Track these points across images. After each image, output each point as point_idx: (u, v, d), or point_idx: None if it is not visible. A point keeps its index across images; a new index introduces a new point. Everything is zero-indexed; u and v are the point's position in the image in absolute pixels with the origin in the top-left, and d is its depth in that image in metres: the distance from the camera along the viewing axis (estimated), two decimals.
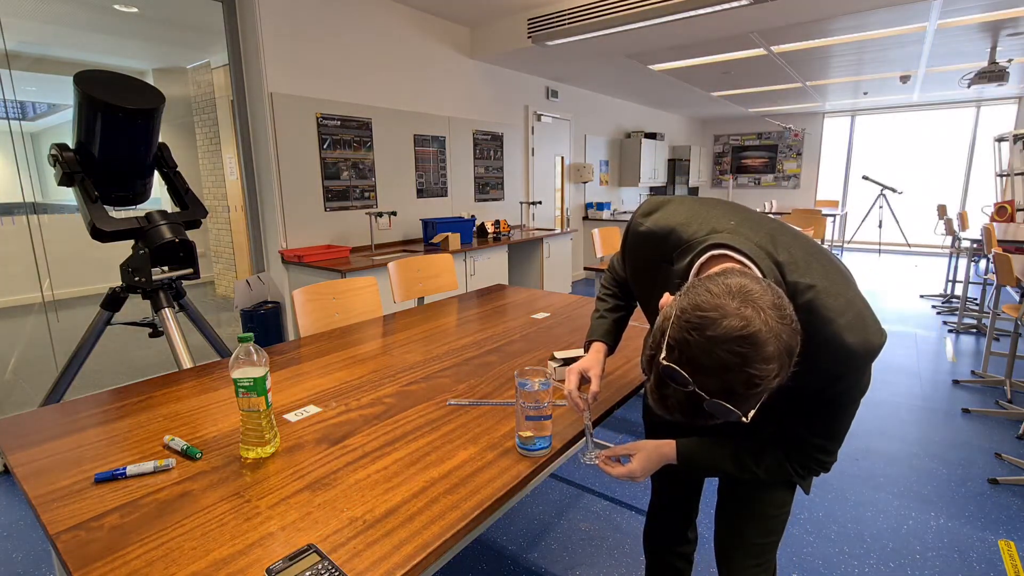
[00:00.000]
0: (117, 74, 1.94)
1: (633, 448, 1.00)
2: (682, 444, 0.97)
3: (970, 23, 4.20)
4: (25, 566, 1.86)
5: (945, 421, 2.85)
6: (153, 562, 0.75)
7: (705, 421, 0.69)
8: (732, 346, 0.63)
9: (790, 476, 0.92)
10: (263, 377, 0.99)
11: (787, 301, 0.69)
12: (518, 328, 1.90)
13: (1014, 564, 1.81)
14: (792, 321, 0.67)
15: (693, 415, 0.69)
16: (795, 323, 0.67)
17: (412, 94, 4.27)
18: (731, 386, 0.65)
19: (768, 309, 0.65)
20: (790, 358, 0.66)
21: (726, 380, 0.64)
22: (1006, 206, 5.89)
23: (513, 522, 2.07)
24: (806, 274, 0.79)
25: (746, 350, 0.63)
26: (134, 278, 2.12)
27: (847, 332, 0.76)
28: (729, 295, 0.66)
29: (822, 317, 0.77)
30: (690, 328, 0.66)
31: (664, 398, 0.70)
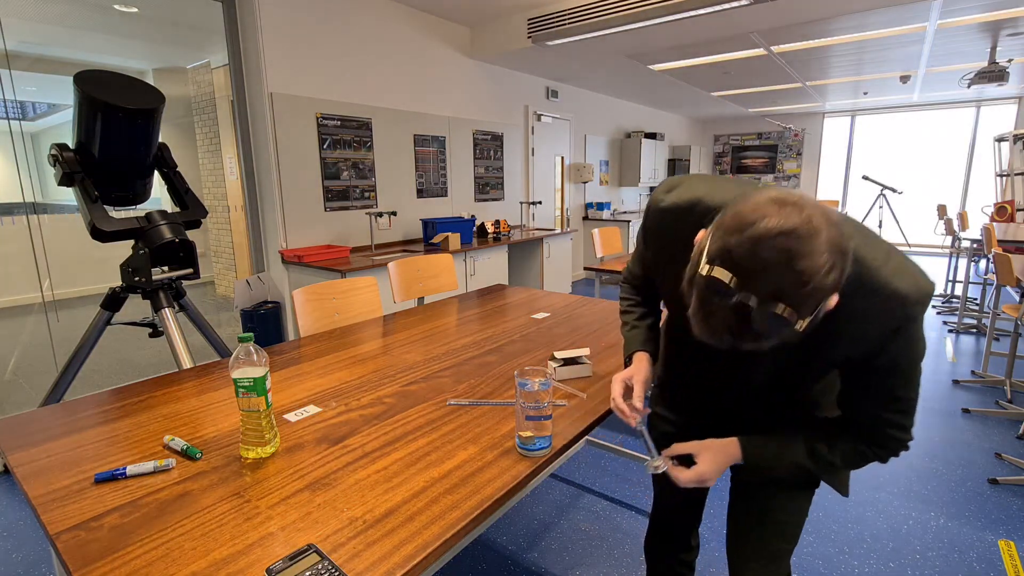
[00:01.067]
0: (117, 74, 1.94)
1: (697, 448, 0.91)
2: (747, 440, 0.88)
3: (970, 23, 4.20)
4: (25, 566, 1.86)
5: (945, 421, 2.85)
6: (153, 562, 0.75)
7: (757, 341, 0.62)
8: (777, 242, 0.58)
9: (869, 459, 0.84)
10: (263, 377, 0.99)
11: (831, 209, 0.64)
12: (518, 328, 1.90)
13: (1014, 564, 1.81)
14: (839, 224, 0.62)
15: (742, 333, 0.62)
16: (842, 230, 0.62)
17: (412, 94, 4.27)
18: (780, 288, 0.58)
19: (812, 207, 0.61)
20: (843, 256, 0.60)
21: (773, 282, 0.58)
22: (1006, 206, 5.89)
23: (513, 522, 2.07)
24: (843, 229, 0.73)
25: (792, 244, 0.58)
26: (134, 278, 2.12)
27: (896, 278, 0.71)
28: (770, 202, 0.62)
29: (868, 266, 0.72)
30: (730, 233, 0.61)
31: (709, 317, 0.63)
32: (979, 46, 4.95)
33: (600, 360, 1.55)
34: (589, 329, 1.87)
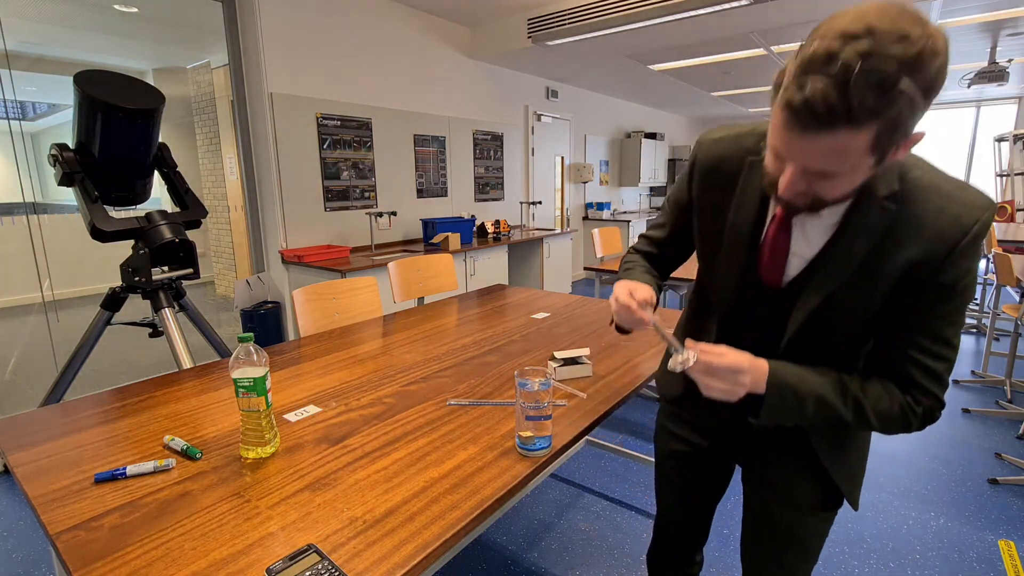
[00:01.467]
0: (117, 74, 1.95)
1: (724, 348, 0.78)
2: (775, 363, 0.79)
3: (970, 23, 4.20)
4: (25, 566, 1.86)
5: (945, 421, 2.85)
6: (153, 562, 0.75)
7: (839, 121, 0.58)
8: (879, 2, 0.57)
9: (899, 414, 0.76)
10: (263, 377, 0.99)
11: None
12: (518, 328, 1.90)
13: (1014, 564, 1.81)
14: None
15: (833, 106, 0.57)
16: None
17: (412, 94, 4.27)
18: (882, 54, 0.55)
19: None
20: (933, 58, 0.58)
21: (874, 40, 0.55)
22: (1006, 206, 5.89)
23: (513, 522, 2.07)
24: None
25: (892, 11, 0.56)
26: (134, 278, 2.12)
27: (960, 191, 0.71)
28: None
29: (939, 176, 0.73)
30: (816, 28, 0.60)
31: (802, 87, 0.58)
32: (979, 46, 4.95)
33: (600, 360, 1.55)
34: (589, 329, 1.87)
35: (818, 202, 0.70)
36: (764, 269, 0.83)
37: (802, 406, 0.77)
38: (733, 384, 0.76)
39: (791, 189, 0.68)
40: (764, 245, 0.82)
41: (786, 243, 0.80)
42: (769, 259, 0.82)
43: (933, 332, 0.74)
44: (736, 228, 0.85)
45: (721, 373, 0.76)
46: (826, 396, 0.77)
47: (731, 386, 0.76)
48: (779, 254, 0.80)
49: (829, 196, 0.68)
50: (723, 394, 0.77)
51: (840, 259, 0.75)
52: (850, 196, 0.72)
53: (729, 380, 0.76)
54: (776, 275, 0.82)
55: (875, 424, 0.77)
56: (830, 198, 0.69)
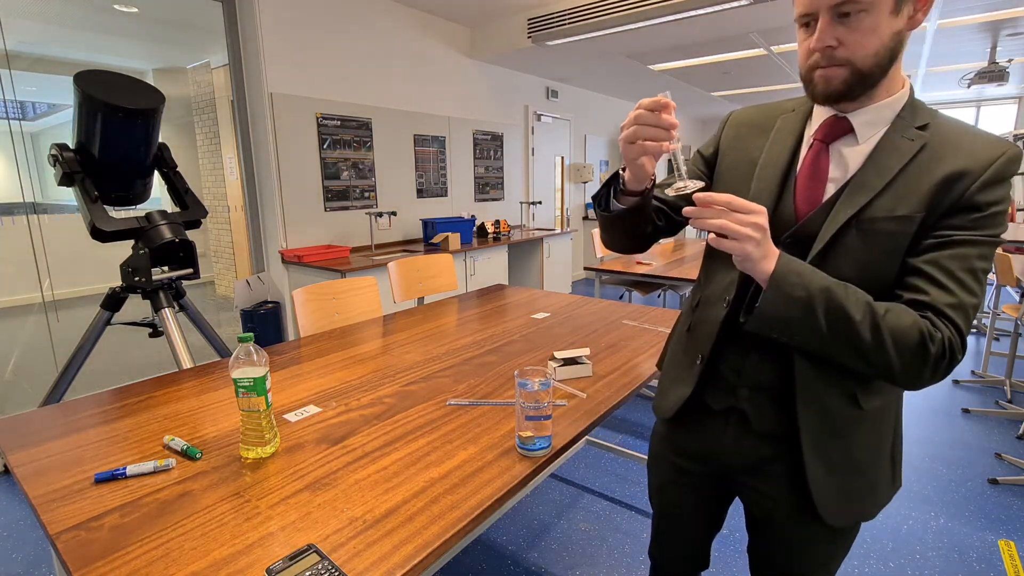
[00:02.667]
0: (117, 74, 1.95)
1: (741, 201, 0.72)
2: (786, 256, 0.73)
3: (970, 23, 4.20)
4: (25, 566, 1.86)
5: (945, 421, 2.85)
6: (153, 562, 0.75)
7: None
8: None
9: (919, 333, 0.68)
10: (263, 377, 0.99)
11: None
12: (518, 328, 1.90)
13: (1014, 564, 1.81)
14: None
15: None
16: None
17: (412, 94, 4.27)
18: None
19: None
20: None
21: None
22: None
23: (513, 522, 2.07)
24: None
25: None
26: (134, 278, 2.12)
27: (985, 132, 0.74)
28: None
29: (963, 122, 0.75)
30: None
31: None
32: (979, 46, 4.95)
33: (600, 360, 1.55)
34: (589, 329, 1.87)
35: (853, 73, 0.71)
36: (800, 196, 0.80)
37: (810, 300, 0.70)
38: (745, 224, 0.70)
39: (822, 41, 0.70)
40: (800, 174, 0.81)
41: (826, 166, 0.79)
42: (806, 186, 0.80)
43: (962, 257, 0.70)
44: (769, 166, 0.85)
45: (732, 205, 0.70)
46: (834, 291, 0.70)
47: (741, 226, 0.70)
48: (819, 178, 0.79)
49: (859, 54, 0.70)
50: (733, 235, 0.70)
51: (874, 172, 0.74)
52: (882, 63, 0.71)
53: (740, 219, 0.70)
54: (815, 199, 0.79)
55: (890, 347, 0.68)
56: (860, 57, 0.70)
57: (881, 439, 0.84)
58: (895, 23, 0.69)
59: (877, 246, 0.74)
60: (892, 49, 0.71)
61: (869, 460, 0.83)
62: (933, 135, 0.73)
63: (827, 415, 0.80)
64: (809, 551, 0.89)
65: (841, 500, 0.82)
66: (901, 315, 0.70)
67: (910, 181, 0.72)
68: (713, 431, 0.93)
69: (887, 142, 0.75)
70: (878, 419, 0.83)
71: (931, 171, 0.72)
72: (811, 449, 0.81)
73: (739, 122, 0.93)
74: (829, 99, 0.75)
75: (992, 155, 0.70)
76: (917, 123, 0.74)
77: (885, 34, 0.69)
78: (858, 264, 0.74)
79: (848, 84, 0.72)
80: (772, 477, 0.88)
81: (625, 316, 2.04)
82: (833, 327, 0.70)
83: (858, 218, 0.74)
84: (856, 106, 0.76)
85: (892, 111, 0.76)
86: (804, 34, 0.75)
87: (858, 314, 0.69)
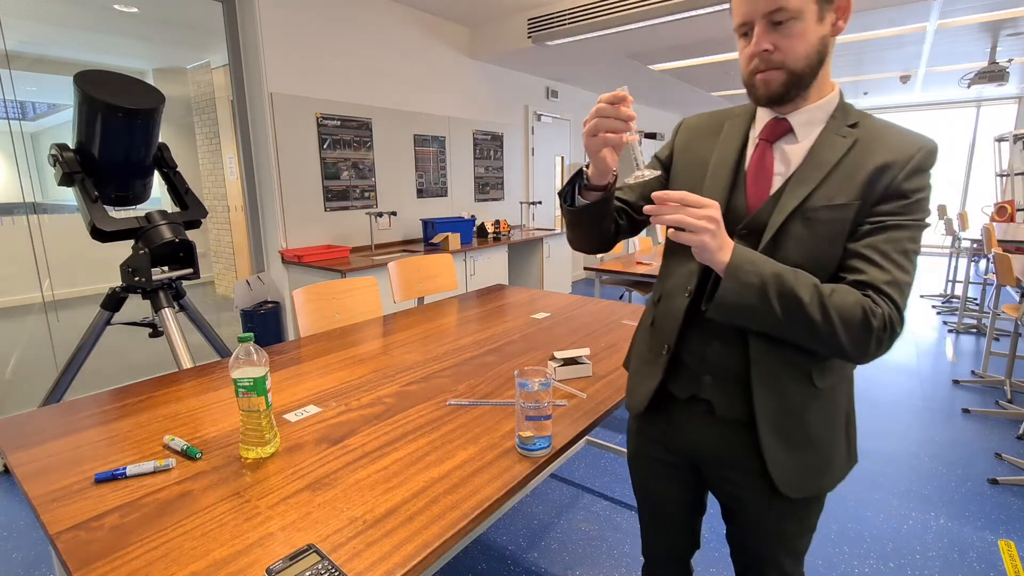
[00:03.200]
0: (117, 74, 1.95)
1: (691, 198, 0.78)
2: (740, 247, 0.80)
3: (970, 23, 4.20)
4: (25, 566, 1.86)
5: (945, 421, 2.85)
6: (153, 562, 0.75)
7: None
8: None
9: (862, 310, 0.75)
10: (263, 377, 0.99)
11: None
12: (518, 328, 1.90)
13: (1014, 564, 1.81)
14: None
15: None
16: None
17: (412, 94, 4.27)
18: None
19: None
20: None
21: None
22: (1006, 206, 5.89)
23: (513, 522, 2.07)
24: None
25: None
26: (134, 278, 2.12)
27: (908, 129, 0.83)
28: None
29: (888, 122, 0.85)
30: None
31: None
32: (979, 46, 4.95)
33: (600, 360, 1.55)
34: (589, 329, 1.88)
35: (788, 75, 0.80)
36: (750, 191, 0.88)
37: (764, 286, 0.76)
38: (700, 217, 0.76)
39: (759, 45, 0.78)
40: (749, 170, 0.89)
41: (771, 162, 0.87)
42: (755, 181, 0.88)
43: (894, 240, 0.78)
44: (720, 165, 0.92)
45: (686, 201, 0.77)
46: (785, 276, 0.76)
47: (696, 219, 0.76)
48: (766, 174, 0.87)
49: (791, 56, 0.78)
50: (690, 228, 0.76)
51: (813, 167, 0.83)
52: (812, 66, 0.80)
53: (695, 213, 0.76)
54: (764, 192, 0.87)
55: (836, 323, 0.75)
56: (792, 60, 0.78)
57: (835, 415, 0.89)
58: (820, 29, 0.78)
59: (820, 233, 0.81)
60: (820, 52, 0.80)
61: (824, 436, 0.88)
62: (863, 132, 0.82)
63: (784, 395, 0.85)
64: (776, 532, 0.95)
65: (800, 475, 0.88)
66: (845, 295, 0.76)
67: (845, 173, 0.81)
68: (680, 421, 0.98)
69: (823, 139, 0.84)
70: (831, 396, 0.88)
71: (863, 164, 0.80)
72: (769, 428, 0.86)
73: (691, 127, 1.03)
74: (771, 101, 0.83)
75: (913, 149, 0.79)
76: (849, 122, 0.84)
77: (813, 39, 0.78)
78: (804, 250, 0.81)
79: (786, 86, 0.80)
80: (737, 463, 0.93)
81: (625, 316, 2.04)
82: (786, 309, 0.77)
83: (802, 208, 0.82)
84: (793, 108, 0.85)
85: (825, 112, 0.85)
86: (744, 43, 0.82)
87: (807, 296, 0.76)
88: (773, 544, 0.96)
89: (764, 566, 0.99)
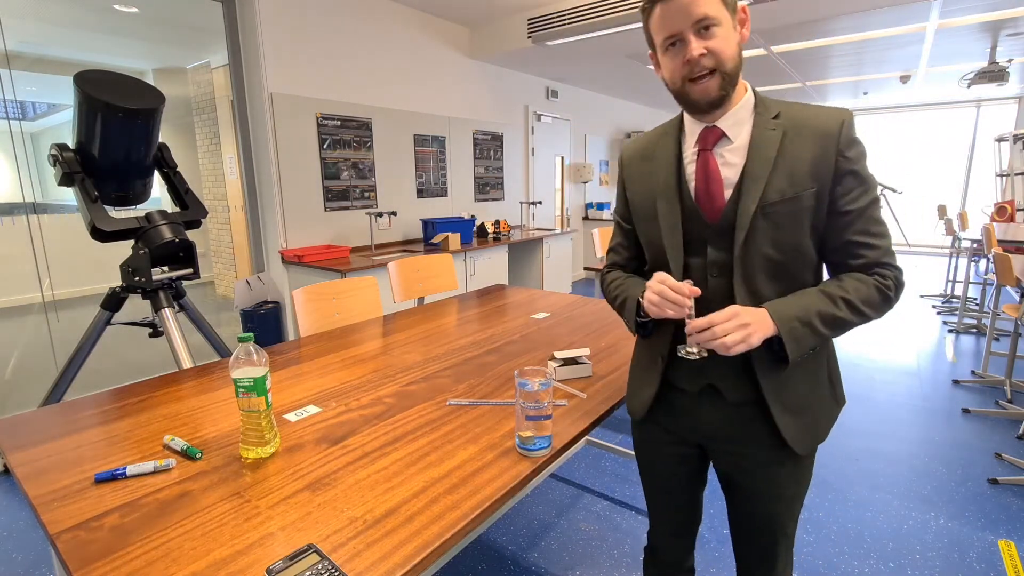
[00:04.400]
0: (117, 74, 1.95)
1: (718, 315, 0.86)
2: (766, 304, 0.88)
3: (970, 23, 4.20)
4: (25, 566, 1.86)
5: (945, 421, 2.85)
6: (153, 562, 0.75)
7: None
8: None
9: (875, 290, 0.88)
10: (263, 377, 0.99)
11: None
12: (518, 328, 1.90)
13: (1014, 564, 1.81)
14: None
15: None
16: None
17: (412, 94, 4.27)
18: None
19: None
20: None
21: None
22: (1006, 206, 5.89)
23: (513, 522, 2.07)
24: None
25: None
26: (134, 278, 2.12)
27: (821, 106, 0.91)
28: None
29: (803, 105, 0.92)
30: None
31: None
32: (979, 46, 4.95)
33: (600, 360, 1.55)
34: (589, 329, 1.88)
35: (722, 77, 0.86)
36: (704, 203, 0.94)
37: (814, 328, 0.87)
38: (738, 329, 0.84)
39: (696, 51, 0.85)
40: (697, 181, 0.94)
41: (716, 168, 0.93)
42: (705, 189, 0.93)
43: (868, 219, 0.89)
44: (665, 188, 0.98)
45: (713, 323, 0.85)
46: (824, 309, 0.88)
47: (739, 333, 0.84)
48: (714, 179, 0.93)
49: (722, 58, 0.85)
50: (740, 342, 0.84)
51: (759, 164, 0.89)
52: (738, 66, 0.88)
53: (727, 328, 0.85)
54: (718, 201, 0.92)
55: (868, 312, 0.89)
56: (723, 60, 0.86)
57: (818, 375, 0.98)
58: (736, 35, 0.88)
59: (781, 224, 0.89)
60: (739, 55, 0.89)
61: (812, 395, 0.97)
62: (787, 121, 0.90)
63: (777, 372, 0.94)
64: (780, 493, 1.01)
65: (803, 434, 0.96)
66: (860, 287, 0.89)
67: (787, 166, 0.88)
68: (691, 411, 1.03)
69: (757, 135, 0.90)
70: (815, 362, 0.97)
71: (799, 151, 0.88)
72: (775, 401, 0.94)
73: (630, 156, 1.08)
74: (710, 106, 0.90)
75: (836, 122, 0.88)
76: (771, 115, 0.91)
77: (733, 43, 0.87)
78: (772, 242, 0.90)
79: (723, 87, 0.88)
80: (746, 437, 0.99)
81: None
82: (832, 327, 0.89)
83: (762, 205, 0.89)
84: (720, 113, 0.92)
85: (747, 110, 0.92)
86: (672, 54, 0.89)
87: (842, 310, 0.88)
88: (779, 506, 1.02)
89: (774, 532, 1.04)
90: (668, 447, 1.11)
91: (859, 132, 0.89)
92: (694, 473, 1.13)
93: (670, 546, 1.20)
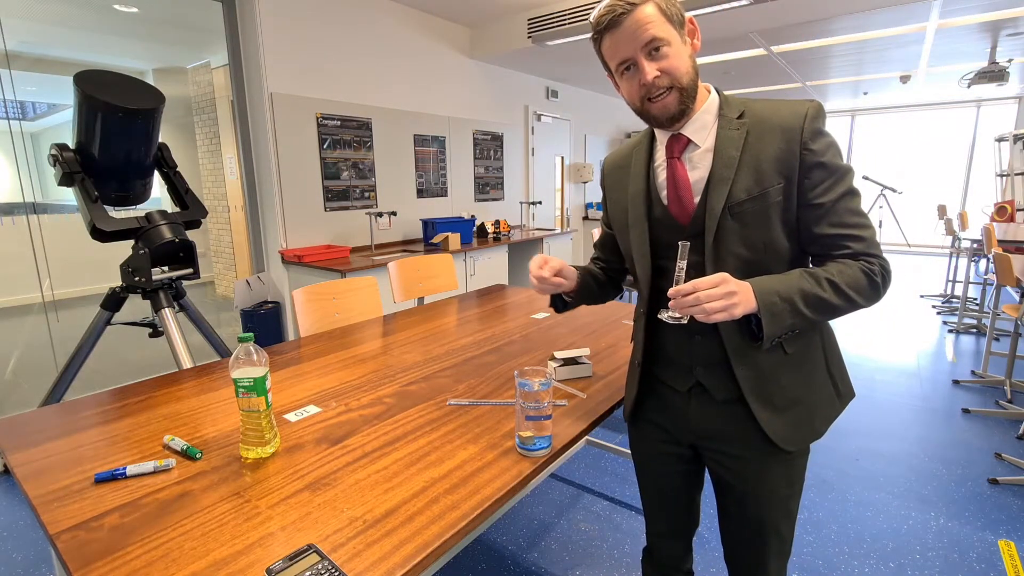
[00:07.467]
0: (117, 74, 1.95)
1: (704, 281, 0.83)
2: (754, 279, 0.87)
3: (970, 23, 4.20)
4: (25, 566, 1.86)
5: (945, 421, 2.85)
6: (153, 562, 0.75)
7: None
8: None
9: (860, 274, 0.87)
10: (263, 377, 0.99)
11: None
12: (518, 328, 1.90)
13: (1014, 564, 1.81)
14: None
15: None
16: None
17: (412, 94, 4.27)
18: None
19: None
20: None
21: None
22: (1006, 206, 5.89)
23: (513, 522, 2.07)
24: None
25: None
26: (134, 278, 2.12)
27: (784, 101, 0.91)
28: None
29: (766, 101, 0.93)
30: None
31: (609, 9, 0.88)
32: (979, 46, 4.95)
33: (600, 360, 1.55)
34: (589, 329, 1.88)
35: (679, 92, 0.88)
36: (675, 209, 0.96)
37: (794, 305, 0.86)
38: (723, 297, 0.82)
39: (651, 74, 0.87)
40: (668, 187, 0.97)
41: (684, 173, 0.95)
42: (675, 197, 0.96)
43: (846, 208, 0.88)
44: (635, 194, 1.02)
45: (699, 288, 0.83)
46: (806, 288, 0.86)
47: (723, 301, 0.82)
48: (683, 185, 0.95)
49: (677, 75, 0.87)
50: (721, 311, 0.82)
51: (723, 165, 0.91)
52: (694, 79, 0.90)
53: (712, 295, 0.82)
54: (688, 206, 0.95)
55: (853, 296, 0.87)
56: (678, 77, 0.87)
57: (812, 370, 0.97)
58: (687, 49, 0.89)
59: (749, 223, 0.90)
60: (694, 67, 0.90)
61: (803, 391, 0.96)
62: (750, 119, 0.91)
63: (758, 366, 0.94)
64: (772, 494, 1.00)
65: (791, 430, 0.96)
66: (844, 270, 0.88)
67: (752, 164, 0.89)
68: (683, 409, 1.04)
69: (722, 137, 0.92)
70: (804, 358, 0.96)
71: (763, 148, 0.89)
72: (754, 397, 0.94)
73: (610, 166, 1.12)
74: (672, 120, 0.92)
75: (800, 114, 0.88)
76: (735, 115, 0.92)
77: (685, 57, 0.88)
78: (742, 240, 0.91)
79: (682, 102, 0.89)
80: (736, 436, 0.99)
81: (625, 316, 2.05)
82: (816, 309, 0.87)
83: (728, 205, 0.90)
84: (686, 120, 0.93)
85: (711, 114, 0.93)
86: (627, 77, 0.91)
87: (827, 291, 0.86)
88: (772, 507, 1.01)
89: (766, 535, 1.03)
90: (662, 447, 1.11)
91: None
92: (689, 474, 1.13)
93: (666, 547, 1.20)
